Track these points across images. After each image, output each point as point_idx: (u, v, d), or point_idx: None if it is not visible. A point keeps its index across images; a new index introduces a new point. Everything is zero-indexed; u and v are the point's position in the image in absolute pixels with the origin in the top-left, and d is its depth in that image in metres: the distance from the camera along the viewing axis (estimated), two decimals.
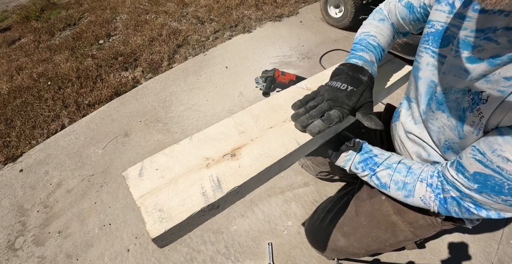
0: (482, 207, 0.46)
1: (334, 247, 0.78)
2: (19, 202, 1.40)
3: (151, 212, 0.40)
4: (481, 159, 0.42)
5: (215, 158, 0.47)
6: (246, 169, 0.46)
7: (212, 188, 0.43)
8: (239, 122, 0.54)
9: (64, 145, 1.67)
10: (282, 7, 2.83)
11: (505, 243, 1.13)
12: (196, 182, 0.43)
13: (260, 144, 0.50)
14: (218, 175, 0.44)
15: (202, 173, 0.45)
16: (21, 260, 1.19)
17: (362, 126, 0.92)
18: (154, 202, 0.41)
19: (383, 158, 0.59)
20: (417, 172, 0.55)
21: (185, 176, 0.44)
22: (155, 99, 1.93)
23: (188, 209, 0.40)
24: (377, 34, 0.65)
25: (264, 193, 1.34)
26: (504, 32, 0.39)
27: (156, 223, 0.38)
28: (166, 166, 0.46)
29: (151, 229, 0.38)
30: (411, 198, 0.55)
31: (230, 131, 0.52)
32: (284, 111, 0.57)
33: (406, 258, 1.10)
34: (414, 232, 0.70)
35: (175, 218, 0.39)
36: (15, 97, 2.02)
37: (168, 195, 0.42)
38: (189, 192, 0.42)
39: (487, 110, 0.41)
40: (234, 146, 0.49)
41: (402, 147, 0.68)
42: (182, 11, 2.97)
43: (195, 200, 0.41)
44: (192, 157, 0.48)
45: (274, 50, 2.29)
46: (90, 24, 2.89)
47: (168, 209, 0.40)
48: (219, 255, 1.15)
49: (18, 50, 2.70)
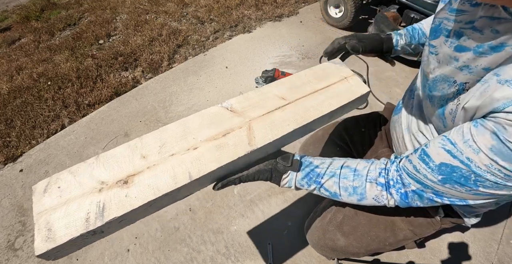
0: (444, 196, 0.46)
1: (334, 247, 0.78)
2: (19, 202, 1.40)
3: (42, 229, 0.41)
4: (450, 149, 0.41)
5: (109, 183, 0.46)
6: (131, 199, 0.44)
7: (96, 215, 0.42)
8: (144, 144, 0.51)
9: (64, 145, 1.67)
10: (282, 7, 2.83)
11: (505, 243, 1.13)
12: (85, 207, 0.43)
13: (153, 173, 0.47)
14: (105, 202, 0.44)
15: (93, 197, 0.44)
16: (21, 260, 1.19)
17: (362, 126, 0.92)
18: (47, 220, 0.42)
19: (324, 167, 0.56)
20: (363, 174, 0.53)
21: (78, 199, 0.44)
22: (155, 99, 1.93)
23: (69, 232, 0.41)
24: (425, 22, 0.74)
25: (264, 193, 1.34)
26: (487, 22, 0.41)
27: (42, 241, 0.40)
28: (67, 186, 0.45)
29: (37, 246, 0.39)
30: (365, 201, 0.54)
31: (134, 153, 0.50)
32: (193, 136, 0.52)
33: (406, 258, 1.10)
34: (414, 231, 0.70)
35: (58, 239, 0.40)
36: (15, 97, 2.02)
37: (59, 216, 0.42)
38: (75, 215, 0.42)
39: (465, 99, 0.43)
40: (130, 172, 0.47)
41: (401, 141, 0.68)
42: (182, 11, 2.97)
43: (78, 225, 0.41)
44: (91, 179, 0.46)
45: (274, 50, 2.29)
46: (90, 24, 2.89)
47: (55, 229, 0.41)
48: (219, 255, 1.15)
49: (18, 50, 2.70)
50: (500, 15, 0.39)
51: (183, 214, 1.29)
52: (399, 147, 0.71)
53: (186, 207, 1.31)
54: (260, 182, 1.35)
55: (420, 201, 0.49)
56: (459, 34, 0.47)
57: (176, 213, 1.29)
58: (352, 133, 0.92)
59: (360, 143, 0.91)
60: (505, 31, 0.38)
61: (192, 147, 0.51)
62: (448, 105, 0.47)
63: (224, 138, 0.53)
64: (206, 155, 0.50)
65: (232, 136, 0.53)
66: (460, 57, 0.46)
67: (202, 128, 0.54)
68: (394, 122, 0.74)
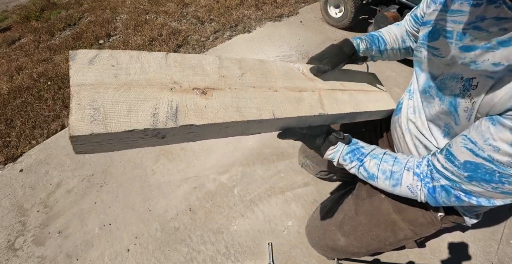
0: (472, 195, 0.46)
1: (334, 247, 0.78)
2: (19, 202, 1.40)
3: (84, 106, 0.33)
4: (472, 148, 0.43)
5: (183, 86, 0.41)
6: (212, 112, 0.40)
7: (167, 114, 0.37)
8: (225, 66, 0.49)
9: (64, 145, 1.67)
10: (282, 7, 2.83)
11: (505, 243, 1.13)
12: (151, 100, 0.37)
13: (236, 96, 0.45)
14: (179, 104, 0.39)
15: (163, 94, 0.39)
16: (21, 260, 1.19)
17: (362, 126, 0.92)
18: (93, 97, 0.34)
19: (369, 149, 0.60)
20: (403, 162, 0.56)
21: (142, 88, 0.38)
22: None
23: (129, 122, 0.34)
24: (385, 32, 0.76)
25: (264, 193, 1.34)
26: (495, 22, 0.41)
27: (84, 120, 0.32)
28: (125, 67, 0.39)
29: (76, 125, 0.31)
30: (399, 187, 0.55)
31: (212, 69, 0.47)
32: (273, 79, 0.53)
33: (406, 258, 1.10)
34: (414, 231, 0.70)
35: (110, 125, 0.33)
36: (15, 97, 2.02)
37: (114, 98, 0.35)
38: (139, 105, 0.36)
39: (478, 96, 0.43)
40: (209, 85, 0.44)
41: (402, 140, 0.68)
42: (182, 11, 2.97)
43: (142, 117, 0.35)
44: (159, 73, 0.41)
45: (274, 50, 2.29)
46: (90, 24, 2.89)
47: (105, 112, 0.34)
48: (219, 255, 1.15)
49: (18, 50, 2.70)
50: (506, 15, 0.40)
51: (183, 214, 1.29)
52: (401, 147, 0.71)
53: (186, 207, 1.31)
54: (261, 183, 1.36)
55: (447, 198, 0.49)
56: (463, 35, 0.47)
57: (176, 213, 1.29)
58: (352, 133, 0.91)
59: None
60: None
61: (273, 88, 0.52)
62: (460, 102, 0.47)
63: (300, 94, 0.56)
64: (286, 102, 0.52)
65: (307, 95, 0.57)
66: (467, 55, 0.46)
67: (279, 76, 0.56)
68: (395, 122, 0.74)
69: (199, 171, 1.45)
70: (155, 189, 1.39)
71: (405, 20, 0.76)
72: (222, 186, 1.38)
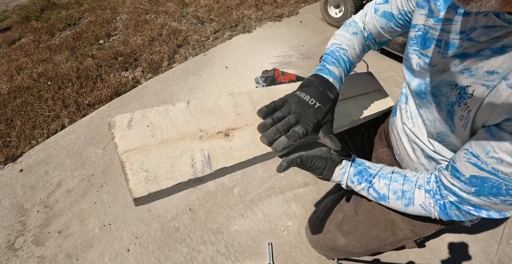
0: (482, 209, 0.46)
1: (334, 247, 0.78)
2: (19, 202, 1.40)
3: (137, 170, 0.38)
4: (475, 162, 0.42)
5: (209, 133, 0.46)
6: (237, 152, 0.45)
7: (202, 163, 0.41)
8: (238, 103, 0.53)
9: (64, 145, 1.67)
10: (282, 7, 2.83)
11: (505, 243, 1.13)
12: (187, 152, 0.42)
13: (253, 131, 0.49)
14: (209, 151, 0.43)
15: (194, 144, 0.43)
16: (21, 260, 1.19)
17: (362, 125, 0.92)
18: (141, 161, 0.39)
19: (376, 169, 0.57)
20: (413, 179, 0.54)
21: (177, 142, 0.42)
22: (155, 99, 1.93)
23: (175, 177, 0.39)
24: (349, 47, 0.65)
25: (264, 193, 1.34)
26: (484, 31, 0.40)
27: (140, 183, 0.37)
28: (158, 126, 0.43)
29: (135, 188, 0.37)
30: (412, 207, 0.54)
31: (228, 109, 0.51)
32: None
33: (406, 258, 1.10)
34: (414, 230, 0.70)
35: (161, 183, 0.38)
36: (15, 97, 2.02)
37: (157, 157, 0.40)
38: (178, 160, 0.40)
39: (474, 104, 0.42)
40: (229, 126, 0.48)
41: (400, 142, 0.68)
42: (182, 11, 2.97)
43: (184, 170, 0.40)
44: (187, 124, 0.45)
45: (274, 50, 2.29)
46: (90, 24, 2.89)
47: (154, 172, 0.38)
48: (219, 255, 1.15)
49: (18, 50, 2.70)
50: (494, 23, 0.39)
51: (183, 214, 1.29)
52: (398, 148, 0.71)
53: (186, 207, 1.31)
54: (260, 183, 1.36)
55: (459, 212, 0.49)
56: (453, 44, 0.46)
57: (176, 213, 1.29)
58: (352, 133, 0.92)
59: (360, 142, 0.91)
60: (505, 35, 0.38)
61: None
62: (457, 111, 0.46)
63: None
64: None
65: None
66: (459, 63, 0.45)
67: None
68: (392, 124, 0.74)
69: None
70: None
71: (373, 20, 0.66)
72: (222, 186, 1.38)
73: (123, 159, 0.38)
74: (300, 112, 0.49)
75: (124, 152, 0.39)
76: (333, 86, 0.54)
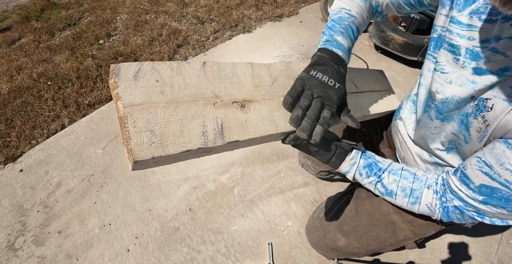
0: (486, 215, 0.45)
1: (334, 247, 0.78)
2: (19, 202, 1.40)
3: (141, 129, 0.33)
4: (488, 171, 0.41)
5: (224, 100, 0.42)
6: (252, 127, 0.42)
7: (214, 132, 0.38)
8: (257, 74, 0.49)
9: (64, 145, 1.67)
10: (282, 7, 2.83)
11: (505, 243, 1.13)
12: (199, 117, 0.38)
13: (269, 107, 0.46)
14: (223, 120, 0.40)
15: (208, 110, 0.39)
16: (21, 260, 1.19)
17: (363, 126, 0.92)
18: (146, 119, 0.34)
19: (386, 164, 0.56)
20: (423, 179, 0.53)
21: (188, 104, 0.38)
22: None
23: (183, 143, 0.35)
24: (358, 15, 0.59)
25: (264, 193, 1.34)
26: (510, 43, 0.38)
27: (144, 144, 0.32)
28: (169, 82, 0.38)
29: (137, 150, 0.32)
30: (417, 205, 0.54)
31: (247, 79, 0.47)
32: None
33: (406, 258, 1.10)
34: (414, 231, 0.70)
35: (167, 148, 0.34)
36: (15, 97, 2.02)
37: (165, 118, 0.35)
38: (189, 125, 0.36)
39: (493, 119, 0.40)
40: (246, 97, 0.45)
41: (405, 147, 0.68)
42: (182, 11, 2.97)
43: (193, 137, 0.36)
44: (201, 86, 0.41)
45: (274, 50, 2.29)
46: (90, 24, 2.89)
47: (160, 133, 0.34)
48: (219, 255, 1.15)
49: (18, 50, 2.70)
50: None
51: (183, 214, 1.29)
52: (402, 151, 0.71)
53: (186, 207, 1.31)
54: (261, 183, 1.36)
55: (461, 216, 0.49)
56: (475, 54, 0.42)
57: (176, 213, 1.29)
58: (352, 133, 0.92)
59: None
60: None
61: None
62: (473, 123, 0.44)
63: None
64: None
65: None
66: (479, 80, 0.42)
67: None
68: (395, 126, 0.73)
69: (199, 171, 1.45)
70: (155, 189, 1.39)
71: None
72: (222, 186, 1.38)
73: (125, 113, 0.33)
74: (324, 96, 0.46)
75: (127, 106, 0.33)
76: (344, 62, 0.52)
